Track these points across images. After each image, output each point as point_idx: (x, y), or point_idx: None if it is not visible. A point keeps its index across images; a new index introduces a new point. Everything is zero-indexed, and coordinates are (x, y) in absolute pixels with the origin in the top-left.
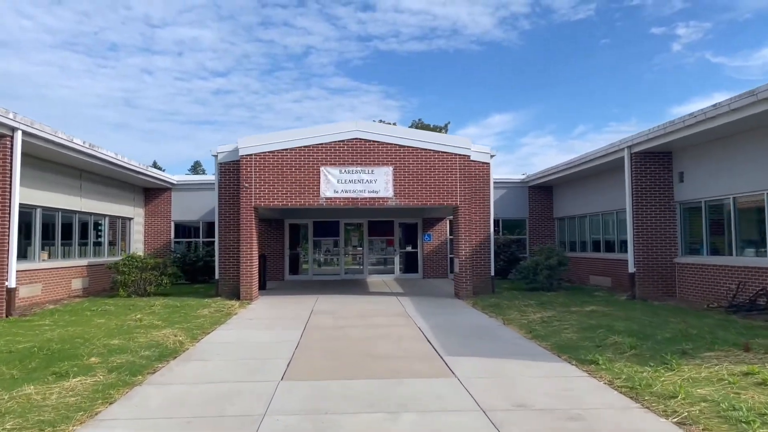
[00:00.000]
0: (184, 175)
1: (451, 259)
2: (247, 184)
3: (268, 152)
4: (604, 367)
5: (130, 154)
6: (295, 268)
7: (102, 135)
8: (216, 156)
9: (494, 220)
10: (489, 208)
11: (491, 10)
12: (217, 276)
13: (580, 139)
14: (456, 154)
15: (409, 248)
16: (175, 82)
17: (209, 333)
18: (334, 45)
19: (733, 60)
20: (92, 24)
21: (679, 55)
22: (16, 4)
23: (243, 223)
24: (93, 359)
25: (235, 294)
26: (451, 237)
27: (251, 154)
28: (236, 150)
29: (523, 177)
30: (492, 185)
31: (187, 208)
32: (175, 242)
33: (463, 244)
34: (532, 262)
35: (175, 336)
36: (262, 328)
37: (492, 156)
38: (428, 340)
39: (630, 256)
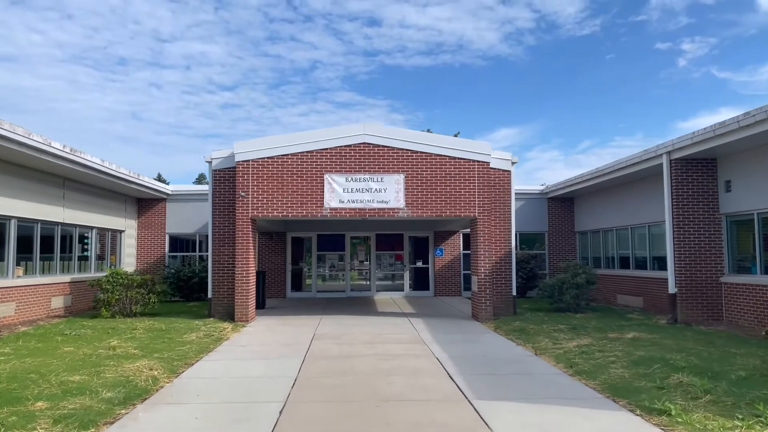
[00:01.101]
0: (180, 184)
1: (465, 276)
2: (243, 193)
3: (267, 158)
4: (679, 419)
5: (138, 167)
6: (297, 285)
7: (110, 148)
8: (210, 162)
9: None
10: (510, 220)
11: (497, 26)
12: (209, 294)
13: (586, 153)
14: (474, 161)
15: (419, 264)
16: (182, 96)
17: (192, 365)
18: (341, 59)
19: (738, 75)
20: (101, 38)
21: (684, 70)
22: (27, 20)
23: (239, 236)
24: (40, 404)
25: (229, 315)
26: (465, 251)
27: (248, 160)
28: (232, 156)
29: (542, 188)
30: (513, 195)
31: (183, 220)
32: (170, 256)
33: (482, 261)
34: (558, 280)
35: (151, 369)
36: (255, 357)
37: (513, 163)
38: (450, 377)
39: (670, 274)
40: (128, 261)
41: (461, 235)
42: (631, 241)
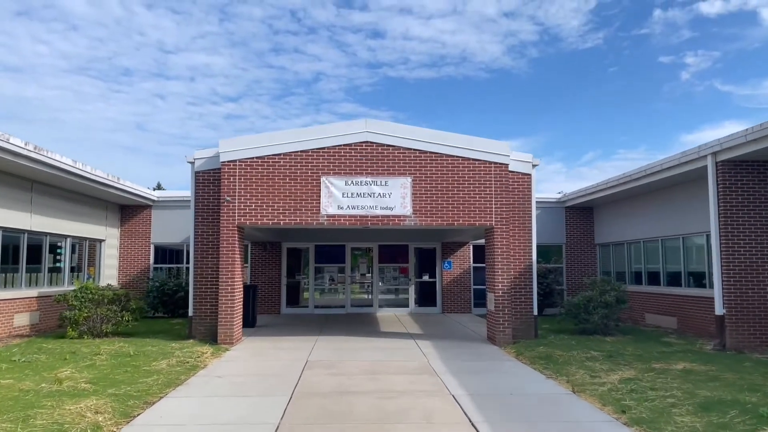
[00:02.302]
0: (167, 190)
1: (476, 291)
2: (228, 197)
3: (256, 158)
4: None
5: (143, 177)
6: (293, 300)
7: (114, 158)
8: (192, 163)
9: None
10: (531, 229)
11: (500, 38)
12: (190, 312)
13: (589, 166)
14: (491, 163)
15: (425, 277)
16: (186, 107)
17: (153, 404)
18: (344, 71)
19: (741, 88)
20: (106, 49)
21: (687, 84)
22: (33, 31)
23: (223, 246)
24: None
25: (212, 335)
26: (476, 265)
27: (234, 161)
28: (217, 156)
29: (559, 196)
30: (534, 202)
31: (169, 229)
32: (155, 268)
33: (499, 276)
34: (583, 298)
35: (96, 413)
36: (232, 394)
37: (534, 166)
38: (474, 426)
39: (717, 293)
40: (109, 273)
41: (471, 246)
42: (661, 255)
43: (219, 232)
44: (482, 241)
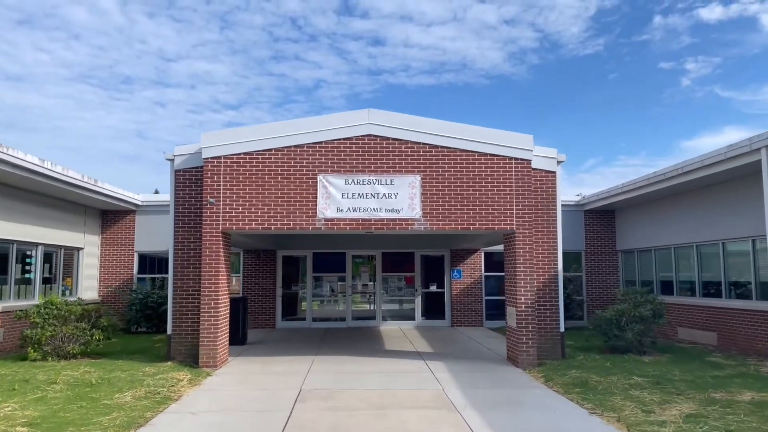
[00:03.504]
0: (153, 194)
1: (488, 302)
2: (212, 199)
3: (244, 154)
4: None
5: (143, 185)
6: (289, 312)
7: (115, 166)
8: (172, 160)
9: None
10: (556, 234)
11: (500, 45)
12: (169, 330)
13: (590, 172)
14: (511, 158)
15: (433, 288)
16: (187, 115)
17: None
18: (345, 78)
19: (742, 94)
20: (107, 58)
21: (688, 90)
22: (35, 39)
23: (206, 255)
24: None
25: (194, 356)
26: (488, 273)
27: (219, 157)
28: (200, 152)
29: (578, 199)
30: (560, 203)
31: (155, 236)
32: (139, 278)
33: (521, 287)
34: (615, 312)
35: None
36: None
37: (559, 162)
38: None
39: None
40: (88, 284)
41: (483, 253)
42: (697, 262)
43: (202, 239)
44: (495, 248)
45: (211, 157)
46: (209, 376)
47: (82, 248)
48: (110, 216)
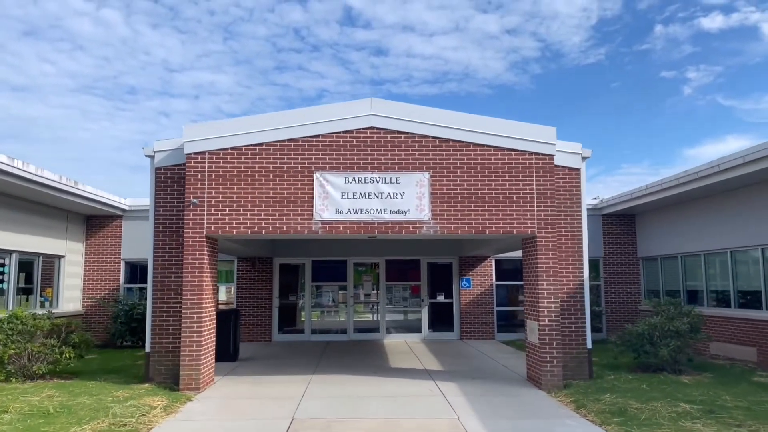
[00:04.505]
0: (141, 198)
1: (499, 313)
2: (195, 200)
3: (232, 149)
4: None
5: (146, 194)
6: (287, 324)
7: (119, 176)
8: (152, 157)
9: None
10: (581, 239)
11: (502, 55)
12: (148, 347)
13: (593, 181)
14: (531, 153)
15: (440, 297)
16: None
17: None
18: (348, 88)
19: (743, 103)
20: (112, 68)
21: (690, 98)
22: (40, 50)
23: (189, 262)
24: None
25: (175, 377)
26: (499, 282)
27: (203, 152)
28: (183, 147)
29: (595, 202)
30: (585, 204)
31: (143, 243)
32: (127, 289)
33: (545, 299)
34: (648, 326)
35: None
36: None
37: (584, 158)
38: None
39: None
40: (70, 295)
41: (493, 261)
42: (731, 270)
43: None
44: (506, 255)
45: (195, 153)
46: (189, 402)
47: (63, 256)
48: (95, 222)
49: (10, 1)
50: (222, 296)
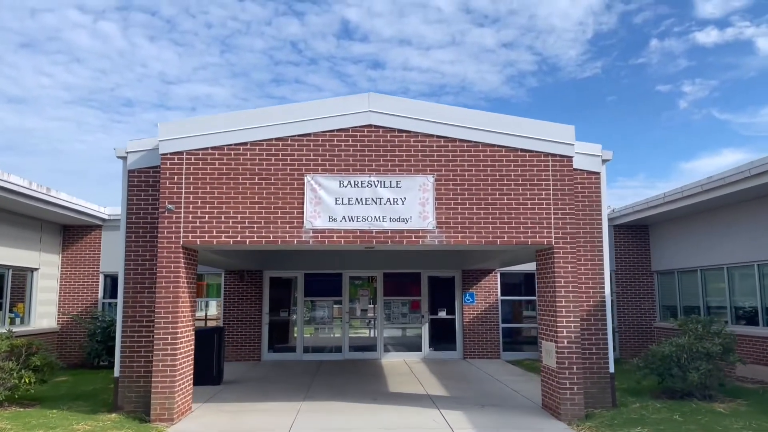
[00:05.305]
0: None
1: (505, 331)
2: (170, 205)
3: (213, 148)
4: None
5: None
6: (278, 342)
7: (115, 188)
8: (124, 158)
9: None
10: (602, 249)
11: (499, 68)
12: (116, 371)
13: None
14: (548, 155)
15: (442, 314)
16: None
17: None
18: None
19: (739, 117)
20: (109, 81)
21: (686, 112)
22: (36, 62)
23: (162, 276)
24: None
25: (147, 405)
26: (504, 297)
27: (180, 152)
28: (159, 148)
29: (607, 211)
30: (605, 211)
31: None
32: (106, 304)
33: (563, 317)
34: (675, 347)
35: None
36: None
37: (605, 161)
38: None
39: None
40: (44, 311)
41: (498, 274)
42: (759, 285)
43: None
44: (513, 269)
45: (171, 153)
46: None
47: (36, 269)
48: (72, 232)
49: (7, 13)
50: (212, 311)
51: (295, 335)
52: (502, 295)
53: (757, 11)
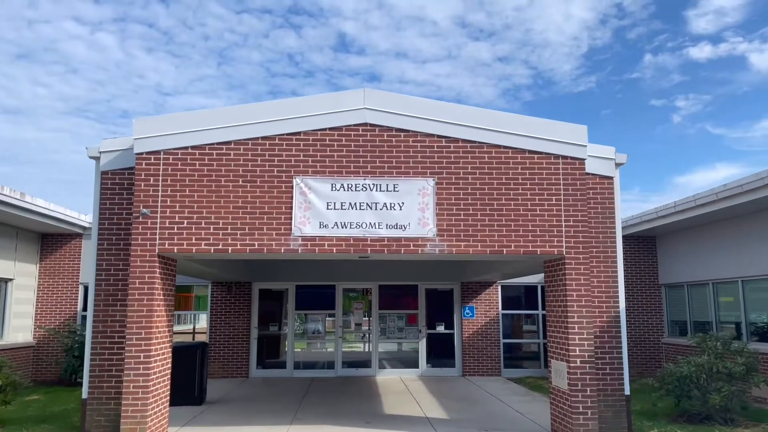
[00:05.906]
0: None
1: (506, 346)
2: (146, 209)
3: (192, 148)
4: None
5: None
6: (268, 357)
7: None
8: (97, 159)
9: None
10: (616, 260)
11: (494, 82)
12: (85, 392)
13: None
14: (558, 156)
15: (440, 328)
16: None
17: None
18: None
19: (733, 131)
20: (105, 92)
21: (680, 126)
22: (33, 73)
23: (135, 287)
24: None
25: (118, 430)
26: (506, 311)
27: (158, 152)
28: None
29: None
30: (619, 218)
31: None
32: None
33: (575, 334)
34: (695, 367)
35: None
36: None
37: (619, 165)
38: None
39: None
40: (19, 324)
41: (499, 287)
42: None
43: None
44: (515, 281)
45: (147, 152)
46: None
47: (11, 279)
48: (51, 240)
49: (4, 24)
50: (203, 324)
51: (286, 350)
52: (503, 308)
53: (750, 27)
